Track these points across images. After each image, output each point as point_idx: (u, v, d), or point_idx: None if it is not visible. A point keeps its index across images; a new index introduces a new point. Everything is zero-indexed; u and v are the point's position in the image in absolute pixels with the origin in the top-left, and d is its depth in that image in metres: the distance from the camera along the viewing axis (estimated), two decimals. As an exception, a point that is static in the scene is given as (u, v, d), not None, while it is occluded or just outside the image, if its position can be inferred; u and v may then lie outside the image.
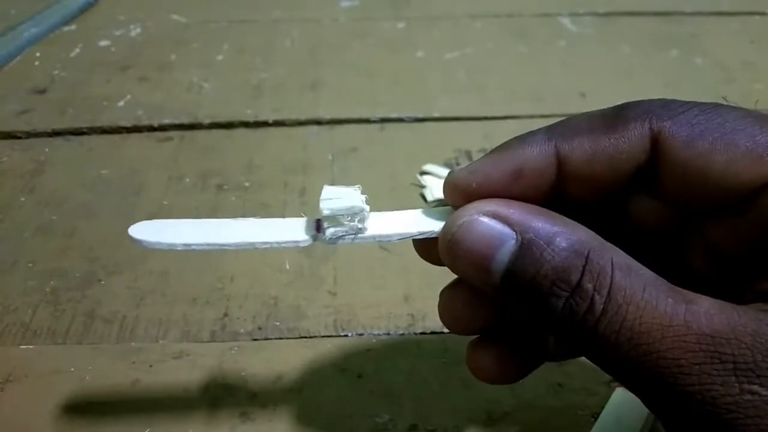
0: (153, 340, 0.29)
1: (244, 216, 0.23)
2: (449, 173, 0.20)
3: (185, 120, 0.46)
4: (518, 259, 0.17)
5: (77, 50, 0.57)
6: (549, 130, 0.19)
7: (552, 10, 0.64)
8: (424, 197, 0.38)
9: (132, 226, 0.20)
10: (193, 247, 0.20)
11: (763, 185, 0.17)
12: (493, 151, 0.19)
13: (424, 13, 0.65)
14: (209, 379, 0.27)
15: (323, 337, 0.29)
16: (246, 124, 0.46)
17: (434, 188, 0.38)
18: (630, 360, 0.16)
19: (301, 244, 0.20)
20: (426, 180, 0.39)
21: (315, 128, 0.46)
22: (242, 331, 0.30)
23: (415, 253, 0.22)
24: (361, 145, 0.43)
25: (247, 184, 0.39)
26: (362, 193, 0.20)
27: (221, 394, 0.27)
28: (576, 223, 0.18)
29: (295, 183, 0.40)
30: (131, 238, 0.20)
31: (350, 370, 0.28)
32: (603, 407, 0.26)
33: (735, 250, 0.18)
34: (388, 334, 0.29)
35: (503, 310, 0.20)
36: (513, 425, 0.25)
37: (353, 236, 0.20)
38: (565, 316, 0.17)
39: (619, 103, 0.19)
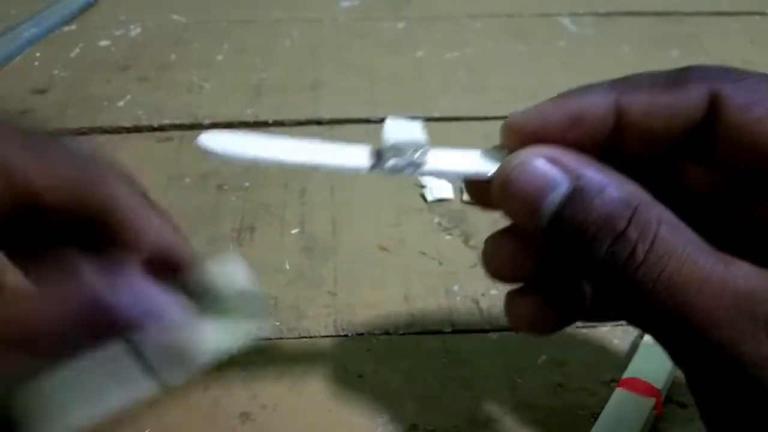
0: (153, 340, 0.29)
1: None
2: (510, 115, 0.20)
3: (185, 120, 0.46)
4: (568, 204, 0.17)
5: (77, 50, 0.57)
6: (612, 82, 0.19)
7: (552, 10, 0.64)
8: (424, 197, 0.38)
9: (201, 136, 0.19)
10: (261, 159, 0.20)
11: None
12: (555, 97, 0.20)
13: (424, 13, 0.65)
14: (209, 379, 0.27)
15: (323, 337, 0.29)
16: (246, 124, 0.46)
17: (434, 188, 0.38)
18: (665, 310, 0.17)
19: (362, 171, 0.20)
20: (426, 180, 0.39)
21: (315, 128, 0.46)
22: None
23: (415, 253, 0.22)
24: (361, 145, 0.43)
25: (247, 184, 0.39)
26: (424, 127, 0.20)
27: (221, 394, 0.27)
28: (628, 178, 0.18)
29: (296, 183, 0.40)
30: (200, 148, 0.19)
31: (350, 370, 0.28)
32: (603, 407, 0.26)
33: None
34: (388, 334, 0.29)
35: (547, 260, 0.20)
36: (513, 425, 0.25)
37: (413, 169, 0.20)
38: (607, 261, 0.17)
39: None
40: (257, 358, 0.28)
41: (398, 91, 0.50)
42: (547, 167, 0.18)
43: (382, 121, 0.21)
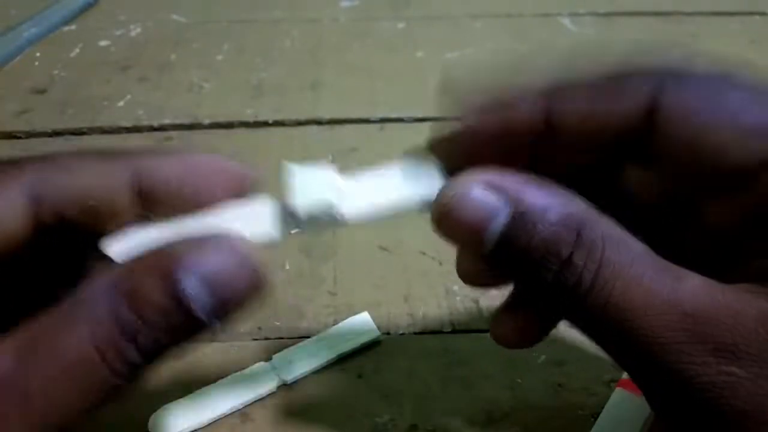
0: (153, 340, 0.29)
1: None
2: (431, 135, 0.20)
3: (185, 120, 0.46)
4: (510, 231, 0.17)
5: (77, 50, 0.57)
6: (545, 89, 0.19)
7: (552, 10, 0.64)
8: (424, 197, 0.38)
9: (109, 245, 0.19)
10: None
11: (762, 165, 0.17)
12: (482, 105, 0.19)
13: (424, 13, 0.65)
14: (209, 379, 0.27)
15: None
16: (246, 124, 0.46)
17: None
18: (616, 334, 0.16)
19: (276, 240, 0.19)
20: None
21: (315, 128, 0.46)
22: (242, 331, 0.30)
23: (415, 253, 0.22)
24: (361, 145, 0.43)
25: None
26: (335, 170, 0.20)
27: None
28: (570, 194, 0.17)
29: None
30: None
31: (350, 370, 0.28)
32: (603, 407, 0.26)
33: (729, 228, 0.18)
34: (388, 334, 0.29)
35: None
36: (513, 425, 0.25)
37: (332, 226, 0.19)
38: (555, 288, 0.17)
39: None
40: (257, 359, 0.28)
41: (398, 91, 0.50)
42: (485, 195, 0.17)
43: (382, 121, 0.21)
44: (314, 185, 0.19)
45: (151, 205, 0.20)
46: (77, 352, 0.16)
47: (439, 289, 0.32)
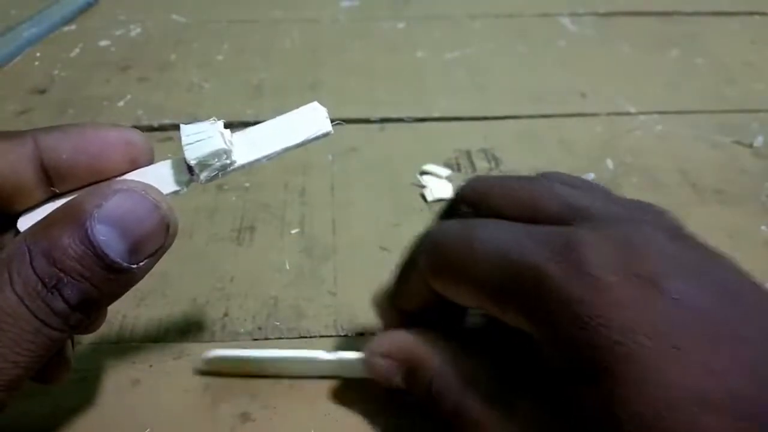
0: (153, 340, 0.29)
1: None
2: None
3: (185, 120, 0.46)
4: (407, 385, 0.23)
5: (77, 50, 0.57)
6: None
7: (552, 10, 0.64)
8: (424, 197, 0.38)
9: (21, 221, 0.21)
10: None
11: None
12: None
13: (424, 13, 0.65)
14: (209, 379, 0.27)
15: (323, 337, 0.29)
16: (246, 124, 0.46)
17: (434, 188, 0.38)
18: None
19: (180, 193, 0.21)
20: (426, 180, 0.39)
21: (315, 128, 0.45)
22: (242, 331, 0.30)
23: (415, 252, 0.22)
24: (361, 145, 0.43)
25: (247, 184, 0.39)
26: (225, 126, 0.22)
27: (221, 394, 0.27)
28: (430, 342, 0.23)
29: (296, 183, 0.40)
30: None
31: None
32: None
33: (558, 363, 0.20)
34: (388, 334, 0.29)
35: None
36: (513, 425, 0.25)
37: (225, 172, 0.21)
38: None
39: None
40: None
41: (398, 91, 0.50)
42: (382, 363, 0.24)
43: (382, 121, 0.21)
44: (204, 138, 0.21)
45: (56, 179, 0.21)
46: (2, 306, 0.17)
47: (439, 289, 0.32)
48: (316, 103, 0.22)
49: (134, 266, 0.19)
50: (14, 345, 0.17)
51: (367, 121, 0.46)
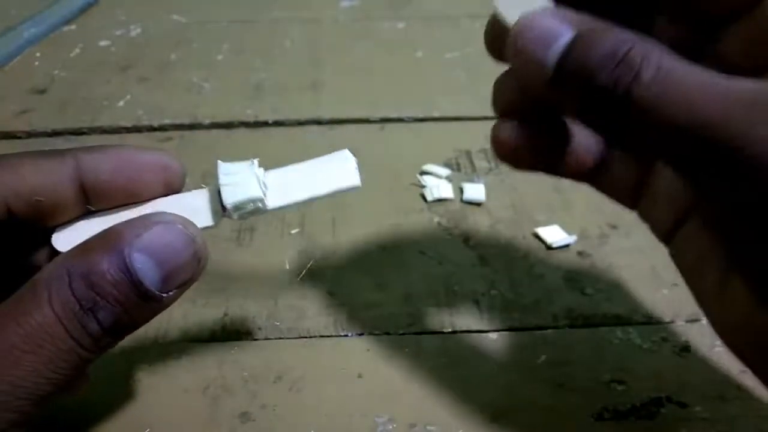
0: (153, 340, 0.29)
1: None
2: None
3: (185, 120, 0.46)
4: (572, 48, 0.18)
5: (77, 50, 0.57)
6: None
7: (552, 10, 0.64)
8: (424, 197, 0.38)
9: (56, 236, 0.22)
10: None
11: None
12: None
13: (424, 13, 0.65)
14: (209, 379, 0.27)
15: (323, 337, 0.29)
16: (246, 124, 0.46)
17: (434, 188, 0.38)
18: (676, 126, 0.16)
19: (211, 227, 0.22)
20: (426, 180, 0.39)
21: (315, 128, 0.46)
22: (242, 331, 0.30)
23: (415, 253, 0.22)
24: (361, 145, 0.43)
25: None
26: (259, 165, 0.22)
27: (221, 394, 0.27)
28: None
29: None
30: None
31: (350, 370, 0.28)
32: (603, 407, 0.26)
33: (744, 62, 0.18)
34: (388, 334, 0.29)
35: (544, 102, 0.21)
36: (513, 425, 0.25)
37: (258, 215, 0.22)
38: (612, 87, 0.17)
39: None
40: (257, 358, 0.28)
41: (398, 91, 0.50)
42: (551, 21, 0.18)
43: (382, 121, 0.21)
44: (241, 182, 0.22)
45: (93, 198, 0.22)
46: (41, 323, 0.17)
47: (439, 289, 0.32)
48: (347, 152, 0.23)
49: (164, 295, 0.19)
50: (49, 362, 0.18)
51: (367, 121, 0.46)
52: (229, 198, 0.22)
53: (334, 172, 0.23)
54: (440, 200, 0.38)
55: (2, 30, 0.59)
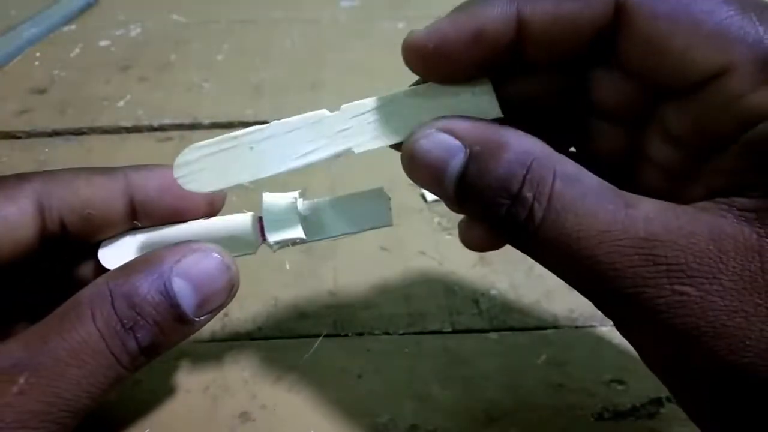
0: (153, 340, 0.29)
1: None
2: (408, 33, 0.20)
3: (185, 120, 0.46)
4: (467, 170, 0.18)
5: (77, 50, 0.57)
6: None
7: (552, 10, 0.64)
8: (424, 197, 0.38)
9: (102, 251, 0.23)
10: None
11: (718, 71, 0.17)
12: (453, 11, 0.20)
13: (424, 13, 0.65)
14: (209, 379, 0.27)
15: (323, 337, 0.29)
16: (246, 124, 0.46)
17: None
18: (571, 265, 0.17)
19: (250, 254, 0.23)
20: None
21: (315, 128, 0.45)
22: (242, 331, 0.30)
23: (416, 252, 0.22)
24: (361, 145, 0.43)
25: (247, 184, 0.39)
26: (302, 198, 0.24)
27: (221, 394, 0.27)
28: (526, 134, 0.18)
29: (295, 183, 0.39)
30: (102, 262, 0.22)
31: (350, 370, 0.28)
32: (603, 407, 0.26)
33: (688, 135, 0.18)
34: (388, 334, 0.29)
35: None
36: (513, 425, 0.25)
37: (298, 243, 0.23)
38: (508, 223, 0.18)
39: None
40: (257, 358, 0.28)
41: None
42: (443, 138, 0.18)
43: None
44: (284, 220, 0.23)
45: (140, 214, 0.23)
46: (85, 339, 0.18)
47: (439, 289, 0.32)
48: (383, 191, 0.24)
49: (197, 319, 0.20)
50: (90, 376, 0.18)
51: (367, 121, 0.46)
52: (273, 236, 0.23)
53: (369, 209, 0.24)
54: (440, 200, 0.38)
55: (2, 30, 0.59)
